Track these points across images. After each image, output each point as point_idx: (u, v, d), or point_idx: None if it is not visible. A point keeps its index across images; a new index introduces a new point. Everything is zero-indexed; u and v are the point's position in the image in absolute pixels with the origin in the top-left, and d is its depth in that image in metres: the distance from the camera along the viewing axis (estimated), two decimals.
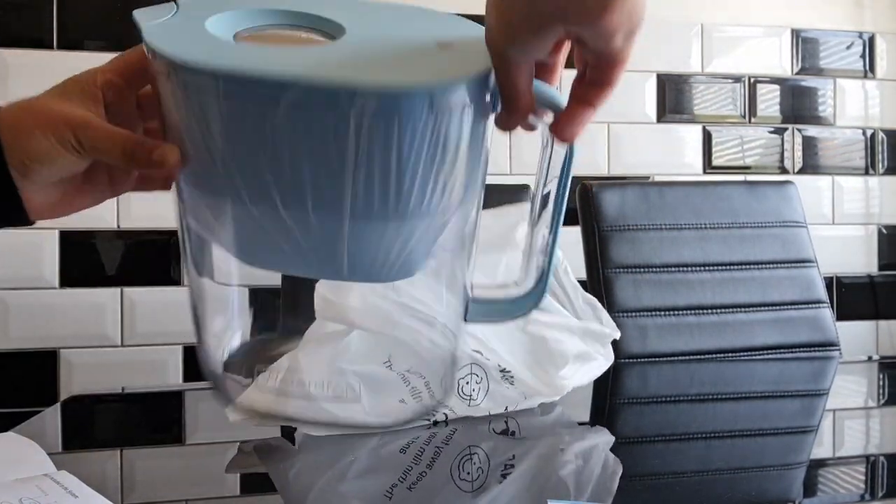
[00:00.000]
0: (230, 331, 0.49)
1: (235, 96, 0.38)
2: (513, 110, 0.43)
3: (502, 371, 0.71)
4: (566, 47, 0.46)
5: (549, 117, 0.45)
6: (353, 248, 0.40)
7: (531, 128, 0.47)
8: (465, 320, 0.48)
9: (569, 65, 0.45)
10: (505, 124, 0.44)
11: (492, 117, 0.43)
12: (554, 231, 0.48)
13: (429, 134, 0.38)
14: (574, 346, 0.75)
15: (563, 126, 0.44)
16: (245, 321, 0.49)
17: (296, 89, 0.37)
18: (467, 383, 0.70)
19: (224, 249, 0.44)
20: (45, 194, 0.47)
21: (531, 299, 0.48)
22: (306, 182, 0.38)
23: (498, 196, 0.41)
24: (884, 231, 1.85)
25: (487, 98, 0.42)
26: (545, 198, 0.47)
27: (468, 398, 0.70)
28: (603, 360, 0.79)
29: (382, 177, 0.39)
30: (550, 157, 0.47)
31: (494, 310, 0.49)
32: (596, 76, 0.44)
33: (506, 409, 0.73)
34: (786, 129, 1.81)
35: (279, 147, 0.38)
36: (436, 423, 0.69)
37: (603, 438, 0.70)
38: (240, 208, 0.40)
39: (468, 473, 0.58)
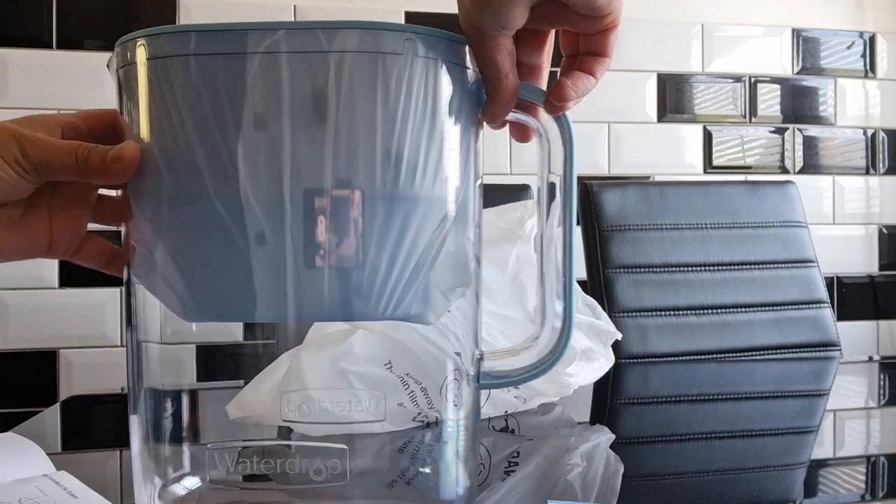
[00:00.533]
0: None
1: (208, 50, 0.36)
2: (496, 96, 0.41)
3: None
4: (549, 45, 0.44)
5: (543, 120, 0.44)
6: (334, 251, 0.37)
7: (524, 135, 0.45)
8: (478, 385, 0.45)
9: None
10: (491, 113, 0.41)
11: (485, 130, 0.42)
12: (568, 274, 0.44)
13: (414, 86, 0.37)
14: (581, 342, 0.76)
15: (558, 90, 0.41)
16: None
17: (273, 34, 0.36)
18: None
19: (176, 302, 0.39)
20: None
21: (548, 363, 0.45)
22: (282, 151, 0.36)
23: (498, 196, 0.41)
24: (884, 231, 1.85)
25: (471, 78, 0.40)
26: (549, 207, 0.45)
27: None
28: (604, 361, 0.79)
29: (365, 136, 0.36)
30: (549, 161, 0.45)
31: (510, 374, 0.46)
32: (590, 46, 0.42)
33: (505, 412, 0.73)
34: (786, 128, 1.81)
35: (253, 110, 0.36)
36: (429, 424, 0.69)
37: (604, 437, 0.70)
38: (203, 209, 0.37)
39: None
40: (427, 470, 0.48)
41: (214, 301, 0.39)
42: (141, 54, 0.38)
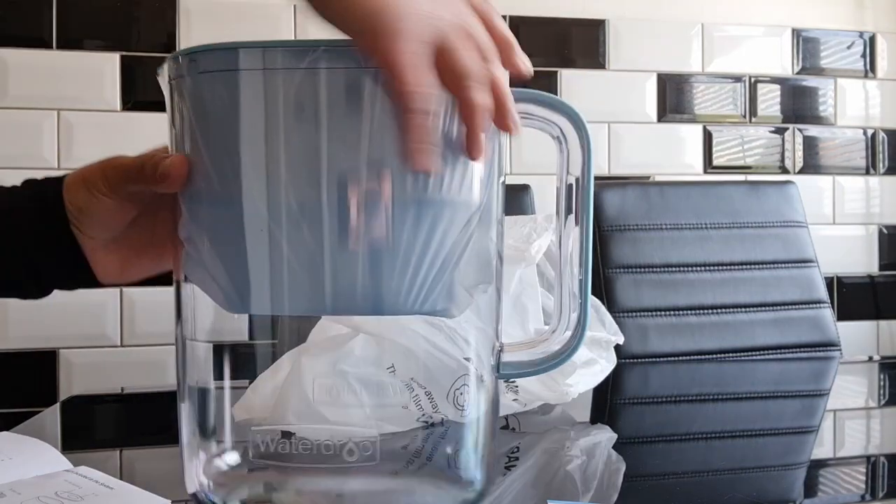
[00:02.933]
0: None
1: (253, 66, 0.40)
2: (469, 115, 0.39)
3: (508, 381, 0.71)
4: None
5: (559, 120, 0.45)
6: (366, 250, 0.40)
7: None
8: (497, 375, 0.47)
9: (568, 64, 0.44)
10: (470, 144, 0.40)
11: (501, 138, 0.43)
12: (584, 270, 0.46)
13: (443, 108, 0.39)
14: (581, 355, 0.75)
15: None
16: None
17: (314, 52, 0.38)
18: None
19: (221, 296, 0.43)
20: (108, 254, 0.51)
21: (566, 354, 0.48)
22: (319, 159, 0.39)
23: None
24: (884, 231, 1.85)
25: None
26: (567, 207, 0.47)
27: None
28: (605, 364, 0.79)
29: (397, 143, 0.39)
30: (568, 165, 0.47)
31: (527, 365, 0.48)
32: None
33: (505, 416, 0.73)
34: (786, 128, 1.81)
35: (294, 122, 0.39)
36: (433, 424, 0.69)
37: (605, 435, 0.70)
38: (247, 212, 0.40)
39: None
40: (439, 462, 0.50)
41: (256, 294, 0.42)
42: (191, 69, 0.42)
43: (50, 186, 0.51)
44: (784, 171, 1.80)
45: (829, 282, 1.77)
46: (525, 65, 0.43)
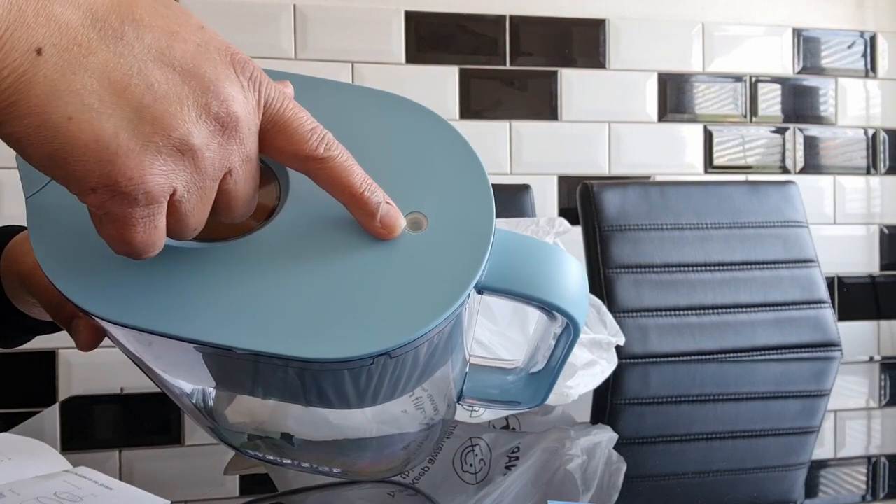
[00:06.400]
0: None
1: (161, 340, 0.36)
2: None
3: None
4: None
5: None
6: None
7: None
8: (458, 400, 0.47)
9: (568, 64, 0.44)
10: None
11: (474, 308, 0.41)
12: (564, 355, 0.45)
13: (390, 368, 0.36)
14: (582, 357, 0.75)
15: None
16: None
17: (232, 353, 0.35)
18: None
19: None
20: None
21: (533, 394, 0.47)
22: (263, 388, 0.40)
23: (498, 196, 0.40)
24: (885, 231, 1.85)
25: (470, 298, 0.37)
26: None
27: (470, 408, 0.70)
28: (606, 364, 0.79)
29: (338, 400, 0.39)
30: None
31: (491, 383, 0.48)
32: None
33: (506, 416, 0.73)
34: (787, 128, 1.81)
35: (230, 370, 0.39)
36: (431, 426, 0.69)
37: (606, 435, 0.70)
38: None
39: (471, 465, 0.58)
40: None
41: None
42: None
43: None
44: (785, 170, 1.80)
45: (830, 282, 1.77)
46: None
